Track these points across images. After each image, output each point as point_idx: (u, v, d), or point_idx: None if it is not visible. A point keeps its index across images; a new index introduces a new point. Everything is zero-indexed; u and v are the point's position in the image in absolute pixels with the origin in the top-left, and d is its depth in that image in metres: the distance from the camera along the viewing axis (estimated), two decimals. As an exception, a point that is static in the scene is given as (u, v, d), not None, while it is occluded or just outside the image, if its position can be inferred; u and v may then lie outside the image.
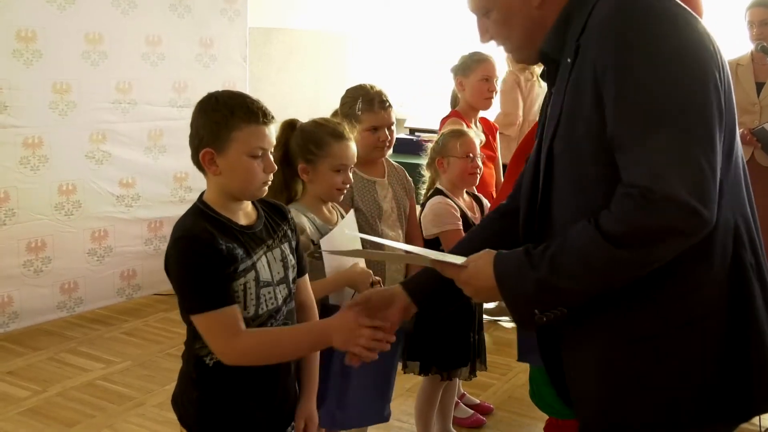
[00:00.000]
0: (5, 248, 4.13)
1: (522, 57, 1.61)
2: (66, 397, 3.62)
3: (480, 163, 2.94)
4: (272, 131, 1.78)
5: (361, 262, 2.32)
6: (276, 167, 1.80)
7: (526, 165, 1.68)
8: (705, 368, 1.42)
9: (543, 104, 1.68)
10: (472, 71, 3.45)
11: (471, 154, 2.90)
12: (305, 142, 2.29)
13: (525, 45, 1.55)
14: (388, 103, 2.70)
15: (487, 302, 1.52)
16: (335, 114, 2.68)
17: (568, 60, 1.44)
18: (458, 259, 1.54)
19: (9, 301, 4.19)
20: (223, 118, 1.72)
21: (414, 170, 3.06)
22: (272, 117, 1.78)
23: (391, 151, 2.78)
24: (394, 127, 2.75)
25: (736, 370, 1.42)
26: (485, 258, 1.48)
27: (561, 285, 1.37)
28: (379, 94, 2.70)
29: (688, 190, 1.27)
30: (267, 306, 1.80)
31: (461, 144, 2.91)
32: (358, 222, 2.60)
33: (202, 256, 1.69)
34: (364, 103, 2.67)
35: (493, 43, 1.61)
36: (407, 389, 3.47)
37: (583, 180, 1.43)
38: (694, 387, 1.43)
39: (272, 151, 1.79)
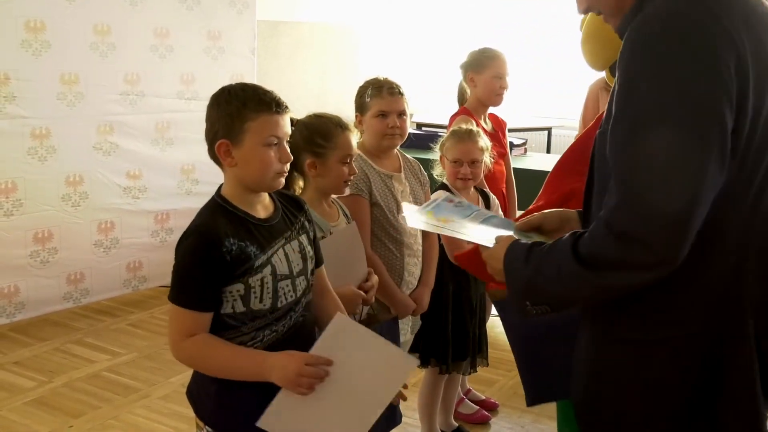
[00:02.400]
0: (12, 239, 4.14)
1: (616, 27, 1.58)
2: (72, 388, 3.63)
3: (470, 170, 2.88)
4: (287, 121, 1.79)
5: (355, 279, 2.27)
6: (292, 157, 1.81)
7: None
8: (675, 389, 1.43)
9: None
10: (484, 67, 3.43)
11: (460, 160, 2.88)
12: (312, 135, 2.26)
13: (616, 14, 1.53)
14: (397, 90, 2.68)
15: (502, 284, 1.56)
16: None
17: None
18: (490, 243, 1.59)
19: (15, 292, 4.20)
20: (236, 109, 1.74)
21: (423, 165, 3.04)
22: (286, 107, 1.79)
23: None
24: (406, 118, 2.72)
25: (705, 401, 1.43)
26: (504, 243, 1.54)
27: (540, 285, 1.44)
28: (390, 82, 2.70)
29: (647, 229, 1.26)
30: (286, 299, 1.81)
31: (448, 149, 2.91)
32: (376, 217, 2.59)
33: (204, 257, 1.70)
34: (373, 90, 2.67)
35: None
36: (412, 384, 3.46)
37: (603, 177, 1.44)
38: (662, 402, 1.44)
39: (288, 141, 1.80)
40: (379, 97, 2.65)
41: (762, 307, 1.44)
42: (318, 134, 2.26)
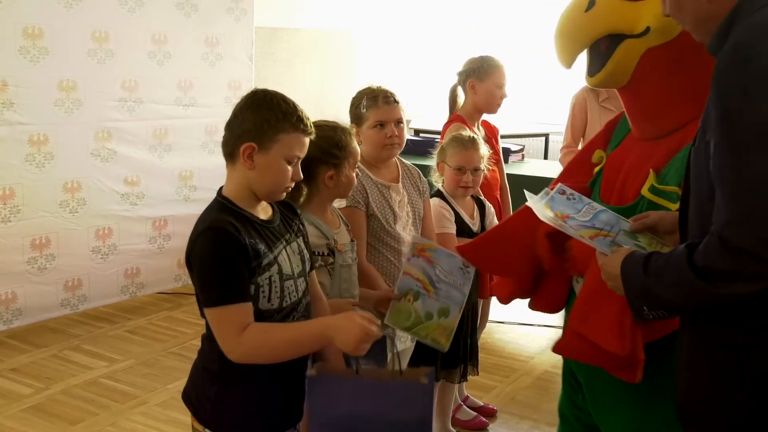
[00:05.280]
0: (10, 245, 4.14)
1: (699, 41, 1.64)
2: (69, 395, 3.62)
3: (472, 177, 2.92)
4: (308, 143, 1.85)
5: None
6: (302, 176, 1.86)
7: None
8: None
9: None
10: (488, 75, 3.45)
11: (463, 168, 2.90)
12: (329, 147, 2.23)
13: (696, 32, 1.61)
14: (393, 99, 2.66)
15: (616, 290, 1.70)
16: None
17: None
18: (609, 249, 1.73)
19: (13, 298, 4.20)
20: (275, 118, 1.78)
21: (421, 171, 3.05)
22: (313, 131, 1.86)
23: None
24: (404, 126, 2.70)
25: None
26: (622, 252, 1.68)
27: (659, 293, 1.55)
28: (384, 91, 2.68)
29: (758, 243, 1.36)
30: (291, 299, 1.85)
31: (451, 156, 2.92)
32: (372, 228, 2.59)
33: (227, 249, 1.71)
34: (368, 100, 2.64)
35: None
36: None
37: (701, 191, 1.52)
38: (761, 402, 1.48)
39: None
40: (376, 107, 2.63)
41: None
42: (334, 146, 2.25)
